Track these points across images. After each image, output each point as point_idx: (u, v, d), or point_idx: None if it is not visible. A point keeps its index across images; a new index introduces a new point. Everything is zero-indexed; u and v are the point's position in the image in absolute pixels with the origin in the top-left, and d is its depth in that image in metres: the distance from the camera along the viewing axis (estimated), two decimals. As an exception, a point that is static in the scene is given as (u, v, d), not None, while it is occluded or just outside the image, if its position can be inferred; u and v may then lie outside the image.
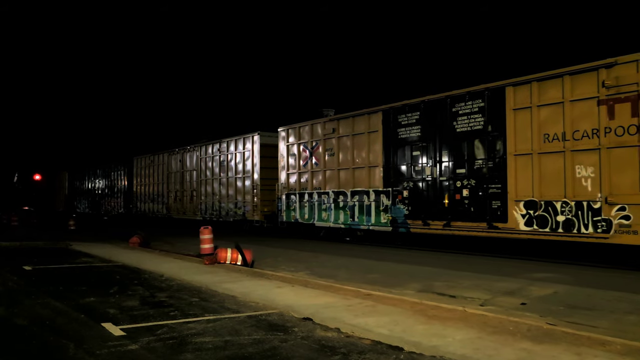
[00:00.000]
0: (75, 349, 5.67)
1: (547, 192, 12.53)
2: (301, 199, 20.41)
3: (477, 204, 14.16)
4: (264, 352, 5.43)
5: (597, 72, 11.70)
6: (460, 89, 14.78)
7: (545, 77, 12.71)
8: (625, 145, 11.19)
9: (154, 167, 32.66)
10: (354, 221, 18.01)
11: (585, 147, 11.83)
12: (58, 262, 13.73)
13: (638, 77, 11.02)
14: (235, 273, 11.18)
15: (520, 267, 12.02)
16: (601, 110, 11.60)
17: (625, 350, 5.31)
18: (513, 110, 13.37)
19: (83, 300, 8.35)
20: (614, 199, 11.26)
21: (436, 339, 5.79)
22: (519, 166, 13.15)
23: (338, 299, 8.08)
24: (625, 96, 11.21)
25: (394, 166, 16.70)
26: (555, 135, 12.42)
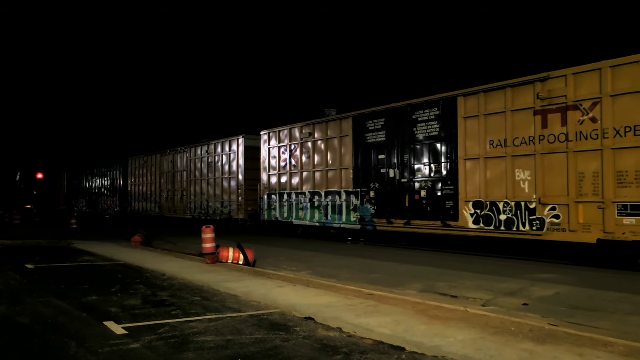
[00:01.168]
0: (77, 347, 5.68)
1: (492, 194, 13.74)
2: (281, 198, 21.60)
3: (433, 204, 15.38)
4: (265, 351, 5.43)
5: (534, 85, 12.88)
6: (419, 98, 15.99)
7: (491, 88, 13.92)
8: (556, 152, 12.38)
9: (148, 167, 33.79)
10: (328, 220, 19.16)
11: (523, 153, 13.05)
12: (60, 261, 13.76)
13: (567, 90, 12.21)
14: (237, 272, 11.19)
15: (522, 267, 12.01)
16: (536, 119, 12.82)
17: (627, 351, 5.29)
18: (464, 119, 14.56)
19: (85, 299, 8.36)
20: (547, 200, 12.49)
21: (438, 339, 5.78)
22: (469, 169, 14.38)
23: (340, 299, 8.08)
24: (557, 107, 12.43)
25: (362, 168, 17.85)
26: (499, 142, 13.66)
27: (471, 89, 14.40)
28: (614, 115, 11.44)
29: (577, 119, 12.03)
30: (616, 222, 11.24)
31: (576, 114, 12.05)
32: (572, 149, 12.11)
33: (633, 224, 10.94)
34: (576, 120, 12.05)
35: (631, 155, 11.12)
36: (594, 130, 11.76)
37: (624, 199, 11.14)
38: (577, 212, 11.90)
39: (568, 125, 12.18)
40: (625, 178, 11.17)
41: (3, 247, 17.60)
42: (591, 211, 11.67)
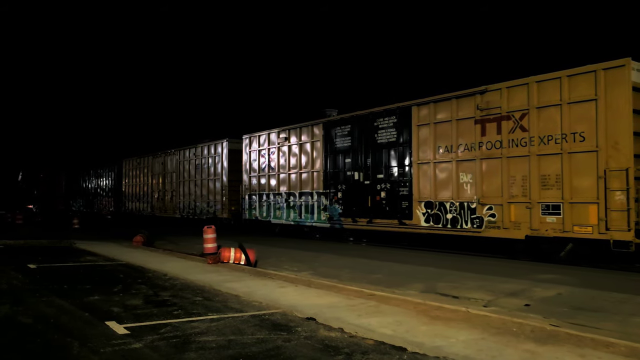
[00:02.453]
0: (79, 347, 5.70)
1: (440, 195, 15.20)
2: (260, 199, 23.05)
3: (391, 204, 16.74)
4: (267, 351, 5.43)
5: (474, 97, 14.27)
6: (380, 107, 17.30)
7: (439, 99, 15.29)
8: (493, 157, 13.83)
9: (140, 168, 35.01)
10: (301, 219, 20.54)
11: (466, 157, 14.50)
12: (62, 261, 13.78)
13: (501, 102, 13.62)
14: (239, 272, 11.20)
15: (523, 268, 12.00)
16: (477, 128, 14.22)
17: (629, 352, 5.29)
18: (417, 126, 15.96)
19: (87, 299, 8.38)
20: (485, 200, 13.96)
21: (439, 339, 5.79)
22: (421, 172, 15.82)
23: (341, 299, 8.09)
24: (493, 117, 13.85)
25: (331, 171, 19.25)
26: (446, 147, 15.06)
27: (423, 99, 15.78)
28: (538, 125, 12.85)
29: (509, 127, 13.46)
30: (540, 220, 12.68)
31: (509, 123, 13.47)
32: (505, 155, 13.53)
33: (554, 221, 12.44)
34: (508, 129, 13.47)
35: (552, 161, 12.55)
36: (522, 138, 13.18)
37: (546, 200, 12.59)
38: (509, 211, 13.37)
39: (502, 133, 13.61)
40: (547, 181, 12.63)
41: (5, 246, 17.64)
42: (520, 210, 13.12)
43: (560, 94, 12.46)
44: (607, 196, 11.50)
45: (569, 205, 12.19)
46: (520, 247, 13.29)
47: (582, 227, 11.92)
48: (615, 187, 11.42)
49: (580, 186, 12.04)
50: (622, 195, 11.30)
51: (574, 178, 12.18)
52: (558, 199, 12.37)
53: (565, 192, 12.27)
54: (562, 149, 12.38)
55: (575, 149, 12.17)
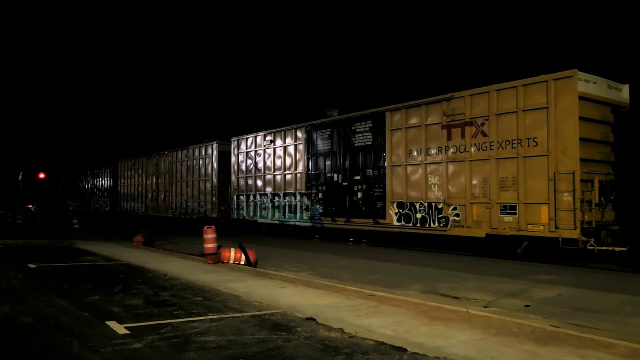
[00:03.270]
0: (80, 347, 5.70)
1: (411, 195, 16.14)
2: (248, 199, 23.97)
3: (367, 204, 17.67)
4: (267, 352, 5.44)
5: (442, 104, 15.19)
6: (357, 112, 18.26)
7: (411, 105, 16.21)
8: (458, 161, 14.75)
9: (135, 169, 35.89)
10: (285, 218, 21.46)
11: (434, 161, 15.42)
12: (62, 261, 13.79)
13: (465, 109, 14.51)
14: (239, 273, 11.20)
15: (524, 269, 12.00)
16: (444, 133, 15.14)
17: (629, 353, 5.29)
18: (391, 131, 16.86)
19: (87, 299, 8.38)
20: (450, 201, 14.88)
21: (440, 340, 5.79)
22: (394, 174, 16.71)
23: (341, 300, 8.09)
24: (458, 123, 14.73)
25: (313, 173, 20.14)
26: (417, 151, 16.00)
27: (396, 105, 16.69)
28: (498, 131, 13.78)
29: (472, 133, 14.38)
30: (499, 219, 13.63)
31: (472, 129, 14.40)
32: (468, 159, 14.45)
33: (511, 221, 13.38)
34: (472, 134, 14.40)
35: (510, 164, 13.50)
36: (484, 143, 14.11)
37: (504, 201, 13.54)
38: (472, 211, 14.31)
39: (466, 138, 14.54)
40: (505, 183, 13.57)
41: (5, 246, 17.64)
42: (482, 210, 14.08)
43: (516, 102, 13.39)
44: (557, 197, 12.42)
45: (524, 205, 13.10)
46: (482, 245, 14.20)
47: (536, 226, 12.90)
48: (563, 189, 12.34)
49: (533, 188, 12.94)
50: (569, 197, 12.23)
51: (528, 180, 13.07)
52: (514, 200, 13.31)
53: (521, 194, 13.18)
54: (518, 153, 13.30)
55: (529, 153, 13.08)
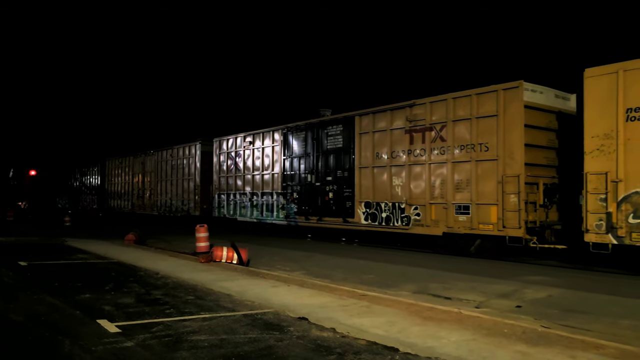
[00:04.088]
0: (71, 345, 5.67)
1: (377, 196, 16.98)
2: (228, 198, 24.75)
3: (337, 203, 18.53)
4: (259, 351, 5.43)
5: (405, 110, 16.08)
6: (329, 116, 19.51)
7: (378, 110, 17.10)
8: (418, 163, 15.67)
9: (122, 168, 36.54)
10: (263, 217, 22.32)
11: (398, 163, 16.30)
12: (53, 258, 13.70)
13: (426, 115, 15.43)
14: (231, 272, 11.19)
15: (515, 269, 12.07)
16: (407, 137, 16.04)
17: (619, 354, 5.34)
18: (359, 134, 17.69)
19: (79, 297, 8.34)
20: (412, 201, 15.81)
21: (431, 340, 5.81)
22: (362, 176, 17.56)
23: (334, 299, 8.10)
24: (419, 128, 15.66)
25: (289, 173, 20.96)
26: (383, 154, 16.83)
27: (365, 110, 17.61)
28: (454, 136, 14.67)
29: (432, 137, 15.30)
30: (454, 218, 14.55)
31: (431, 133, 15.32)
32: (427, 162, 15.39)
33: (465, 220, 14.31)
34: (431, 139, 15.31)
35: (464, 167, 14.45)
36: (442, 147, 15.01)
37: (459, 201, 14.46)
38: (431, 211, 15.21)
39: (426, 142, 15.46)
40: (460, 185, 14.51)
41: (-5, 243, 17.50)
42: (439, 210, 14.99)
43: (470, 110, 14.31)
44: (504, 199, 13.38)
45: (476, 206, 14.06)
46: (440, 242, 15.18)
47: (486, 225, 13.87)
48: (510, 191, 13.27)
49: (484, 190, 13.92)
50: (515, 198, 13.13)
51: (480, 183, 14.04)
52: (468, 201, 14.26)
53: (473, 195, 14.14)
54: (471, 157, 14.23)
55: (481, 157, 14.03)
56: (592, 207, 11.39)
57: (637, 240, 10.71)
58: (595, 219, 11.33)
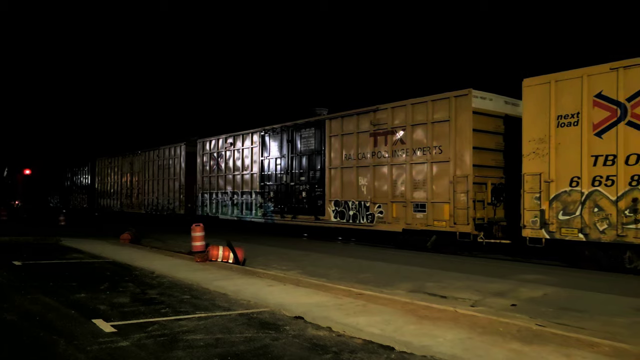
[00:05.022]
0: (65, 345, 5.65)
1: (346, 195, 18.09)
2: (210, 197, 25.83)
3: (310, 202, 19.59)
4: (255, 350, 5.43)
5: (369, 114, 17.15)
6: (302, 119, 20.24)
7: (346, 114, 18.21)
8: (382, 164, 16.70)
9: (111, 167, 37.47)
10: (242, 215, 23.41)
11: (364, 164, 17.36)
12: (48, 258, 13.65)
13: (388, 119, 16.47)
14: (227, 271, 11.17)
15: (510, 268, 12.11)
16: (371, 140, 17.07)
17: (613, 352, 5.37)
18: (329, 137, 18.78)
19: (73, 297, 8.31)
20: (376, 200, 16.84)
21: (427, 338, 5.82)
22: (332, 176, 18.66)
23: (329, 298, 8.10)
24: (382, 131, 16.69)
25: (266, 173, 22.03)
26: (350, 155, 17.93)
27: (335, 114, 18.73)
28: (412, 139, 15.77)
29: (393, 140, 16.34)
30: (412, 216, 15.65)
31: (393, 137, 16.36)
32: (389, 163, 16.44)
33: (421, 217, 15.39)
34: (393, 142, 16.36)
35: (421, 168, 15.53)
36: (402, 149, 16.10)
37: (417, 200, 15.56)
38: (392, 209, 16.27)
39: (388, 145, 16.50)
40: (418, 184, 15.60)
41: (-10, 243, 17.41)
42: (399, 208, 16.06)
43: (426, 115, 15.37)
44: (455, 197, 14.44)
45: (431, 204, 15.12)
46: (400, 238, 16.26)
47: (440, 221, 14.92)
48: (460, 190, 14.34)
49: (439, 189, 14.97)
50: (464, 197, 14.20)
51: (435, 182, 15.11)
52: (424, 199, 15.33)
53: (429, 194, 15.22)
54: (427, 159, 15.32)
55: (436, 159, 15.10)
56: (529, 205, 12.54)
57: (566, 235, 11.93)
58: (531, 215, 12.49)
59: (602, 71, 11.55)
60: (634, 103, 11.04)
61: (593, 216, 11.53)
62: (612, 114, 11.36)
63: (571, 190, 11.88)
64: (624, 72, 11.20)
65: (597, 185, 11.48)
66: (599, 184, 11.45)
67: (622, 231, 11.05)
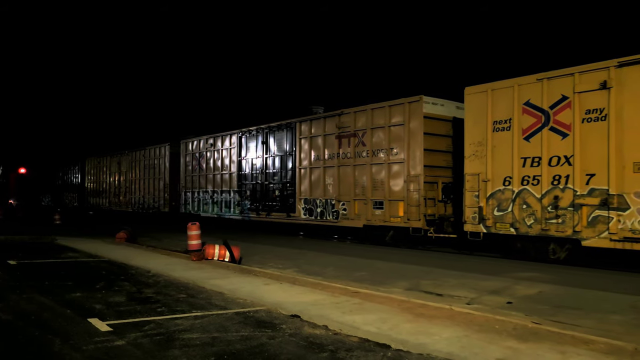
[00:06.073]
0: (61, 344, 5.63)
1: (314, 193, 19.25)
2: (193, 195, 27.02)
3: (283, 200, 20.76)
4: (251, 348, 5.43)
5: (335, 118, 18.46)
6: (276, 122, 21.33)
7: (314, 118, 19.53)
8: (346, 165, 17.94)
9: (100, 167, 38.62)
10: (222, 212, 24.57)
11: (330, 165, 18.61)
12: (43, 257, 13.60)
13: (351, 122, 17.75)
14: (223, 269, 11.16)
15: (505, 266, 12.15)
16: (336, 142, 18.33)
17: (608, 349, 5.39)
18: (300, 138, 19.98)
19: (69, 296, 8.29)
20: (340, 198, 18.08)
21: (423, 336, 5.83)
22: (302, 175, 19.81)
23: (326, 297, 8.11)
24: (346, 134, 17.95)
25: (243, 173, 23.23)
26: (318, 156, 19.11)
27: (304, 117, 19.95)
28: (372, 141, 16.95)
29: (355, 142, 17.52)
30: (372, 213, 16.83)
31: (355, 139, 17.57)
32: (352, 163, 17.63)
33: (380, 214, 16.61)
34: (355, 144, 17.54)
35: (380, 168, 16.65)
36: (363, 151, 17.27)
37: (376, 198, 16.73)
38: (355, 206, 17.47)
39: (351, 146, 17.70)
40: (377, 184, 16.74)
41: (-15, 242, 17.33)
42: (361, 206, 17.25)
43: (384, 119, 16.52)
44: (408, 195, 15.68)
45: (388, 201, 16.29)
46: (361, 233, 17.47)
47: (396, 217, 16.08)
48: (412, 189, 15.60)
49: (395, 188, 16.17)
50: (416, 195, 15.45)
51: (391, 182, 16.28)
52: (382, 197, 16.49)
53: (386, 192, 16.37)
54: (385, 160, 16.48)
55: (392, 160, 16.27)
56: (469, 202, 13.76)
57: (500, 229, 13.15)
58: (471, 212, 13.72)
59: (530, 81, 12.71)
60: (555, 110, 12.25)
61: (522, 212, 12.71)
62: (538, 120, 12.55)
63: (504, 189, 13.08)
64: (548, 83, 12.37)
65: (526, 185, 12.67)
66: (527, 183, 12.65)
67: (546, 225, 12.25)
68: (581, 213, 11.68)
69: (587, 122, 11.72)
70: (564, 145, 12.04)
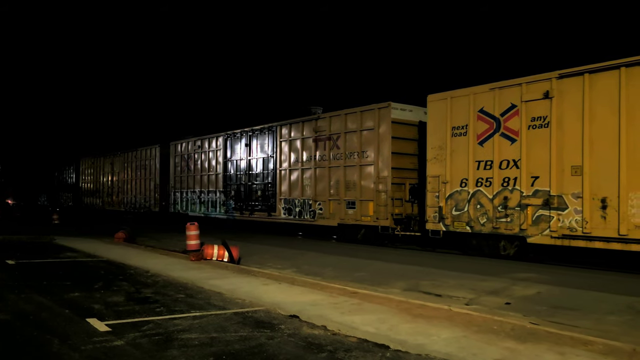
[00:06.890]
0: (60, 344, 5.63)
1: (293, 193, 20.25)
2: (181, 195, 28.03)
3: (264, 200, 21.84)
4: (250, 349, 5.43)
5: (312, 122, 19.49)
6: (259, 125, 22.39)
7: (293, 122, 20.41)
8: (321, 167, 19.00)
9: (94, 167, 39.64)
10: (208, 211, 25.56)
11: (307, 166, 19.64)
12: (42, 257, 13.58)
13: (327, 127, 18.71)
14: (222, 270, 11.16)
15: (503, 267, 12.15)
16: (313, 145, 19.38)
17: (606, 349, 5.40)
18: (280, 141, 21.04)
19: (67, 296, 8.28)
20: (317, 198, 19.11)
21: (422, 337, 5.84)
22: (282, 176, 20.84)
23: (325, 297, 8.11)
24: (323, 137, 18.97)
25: (228, 174, 24.25)
26: (297, 158, 20.13)
27: (284, 121, 20.87)
28: (346, 144, 17.97)
29: (331, 145, 18.54)
30: (345, 212, 17.89)
31: (330, 142, 18.58)
32: (327, 165, 18.66)
33: (352, 213, 17.63)
34: (330, 147, 18.56)
35: (352, 170, 17.71)
36: (337, 154, 18.30)
37: (349, 198, 17.77)
38: (330, 206, 18.49)
39: (326, 149, 18.73)
40: (350, 185, 17.76)
41: (-17, 242, 17.29)
42: (335, 205, 18.28)
43: (357, 124, 17.54)
44: (377, 196, 16.66)
45: (360, 202, 17.29)
46: (336, 232, 18.60)
47: (366, 217, 17.05)
48: (381, 190, 16.59)
49: (366, 189, 17.17)
50: (385, 195, 16.44)
51: (363, 183, 17.28)
52: (354, 198, 17.52)
53: (358, 193, 17.39)
54: (357, 162, 17.48)
55: (364, 162, 17.28)
56: (430, 202, 14.76)
57: (457, 227, 14.12)
58: (432, 211, 14.68)
59: (484, 90, 13.62)
60: (505, 117, 13.21)
61: (476, 212, 13.69)
62: (490, 127, 13.51)
63: (461, 190, 14.04)
64: (499, 92, 13.30)
65: (480, 186, 13.62)
66: (480, 185, 13.61)
67: (497, 224, 13.24)
68: (527, 212, 12.63)
69: (533, 129, 12.68)
70: (513, 150, 12.99)
